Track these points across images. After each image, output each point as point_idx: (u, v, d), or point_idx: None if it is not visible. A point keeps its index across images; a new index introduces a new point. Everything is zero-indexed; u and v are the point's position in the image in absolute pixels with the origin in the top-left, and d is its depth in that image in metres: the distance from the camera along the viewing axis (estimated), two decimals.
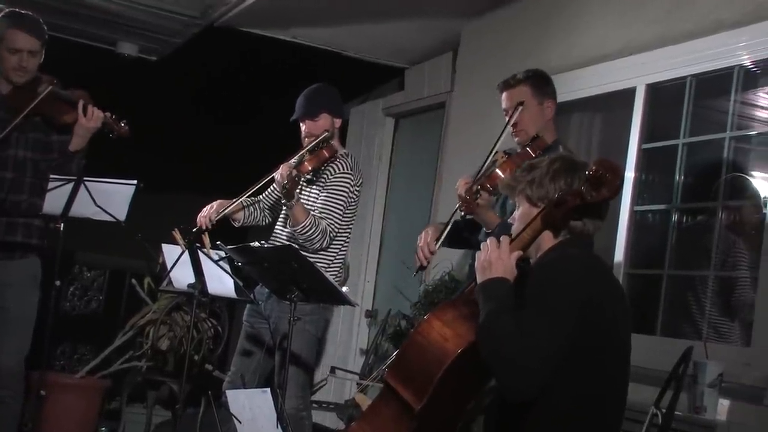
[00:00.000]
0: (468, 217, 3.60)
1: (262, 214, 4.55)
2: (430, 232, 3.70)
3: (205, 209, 4.31)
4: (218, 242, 3.86)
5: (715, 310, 4.02)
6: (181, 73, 7.02)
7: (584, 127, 4.97)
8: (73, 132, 4.08)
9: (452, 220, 3.66)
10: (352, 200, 4.27)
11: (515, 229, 2.74)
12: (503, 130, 3.68)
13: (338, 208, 4.21)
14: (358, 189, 4.30)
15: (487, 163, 3.60)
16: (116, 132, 4.10)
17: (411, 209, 6.60)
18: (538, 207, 2.68)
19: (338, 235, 4.24)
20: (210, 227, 4.23)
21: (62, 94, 4.09)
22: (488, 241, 2.68)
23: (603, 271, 2.68)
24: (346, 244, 4.33)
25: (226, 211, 4.30)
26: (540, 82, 3.74)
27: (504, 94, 3.74)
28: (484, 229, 3.58)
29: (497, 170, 3.53)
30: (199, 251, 3.93)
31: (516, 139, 3.73)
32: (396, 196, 6.89)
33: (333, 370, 5.70)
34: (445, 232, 3.65)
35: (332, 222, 4.19)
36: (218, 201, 4.32)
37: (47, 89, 4.03)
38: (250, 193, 4.25)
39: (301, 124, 4.33)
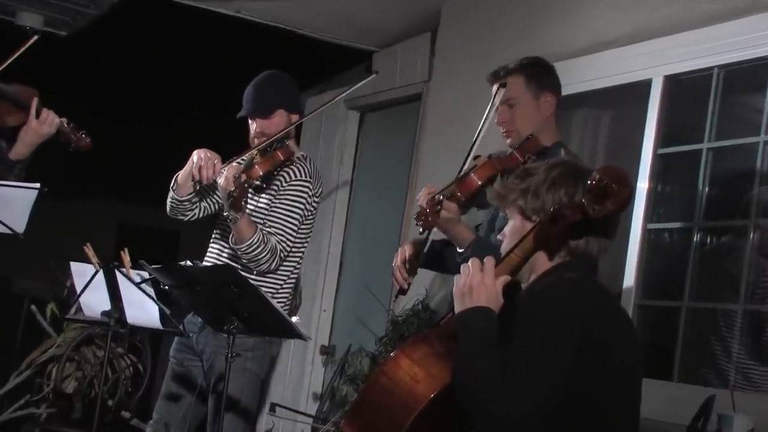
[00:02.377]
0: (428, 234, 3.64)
1: (197, 208, 4.42)
2: (407, 249, 3.76)
3: (201, 157, 4.11)
4: (141, 260, 3.87)
5: (744, 351, 4.06)
6: (96, 52, 7.00)
7: (588, 126, 5.03)
8: (17, 137, 4.06)
9: (430, 236, 3.70)
10: (309, 213, 4.30)
11: (504, 248, 2.77)
12: (480, 129, 3.72)
13: (292, 223, 4.24)
14: (317, 199, 4.33)
15: (464, 169, 3.65)
16: (74, 144, 4.08)
17: (378, 222, 6.63)
18: (533, 221, 2.72)
19: (290, 254, 4.27)
20: (210, 182, 4.14)
21: (5, 90, 4.07)
22: (470, 262, 2.71)
23: (607, 301, 2.71)
24: (299, 265, 4.36)
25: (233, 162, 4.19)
26: (537, 73, 3.80)
27: (494, 88, 3.80)
28: (457, 248, 3.62)
29: (472, 175, 3.58)
30: (116, 271, 3.93)
31: (507, 140, 3.79)
32: (360, 207, 6.92)
33: (273, 407, 5.67)
34: (426, 247, 3.69)
35: (284, 239, 4.21)
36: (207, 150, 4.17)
37: None
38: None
39: (249, 121, 4.34)
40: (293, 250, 4.28)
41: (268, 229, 4.19)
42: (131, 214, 9.54)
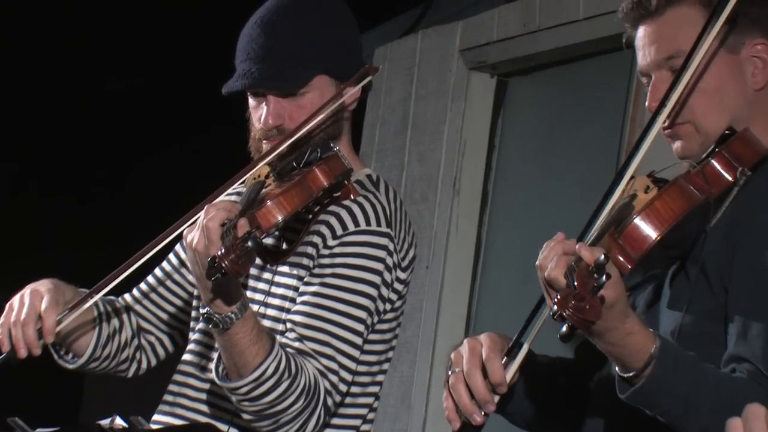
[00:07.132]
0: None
1: (136, 346, 4.67)
2: (488, 342, 3.89)
3: (18, 311, 4.35)
4: (11, 418, 3.95)
5: None
6: None
7: None
8: None
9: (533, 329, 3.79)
10: (389, 305, 4.44)
11: None
12: (651, 125, 3.78)
13: (353, 329, 4.36)
14: (402, 275, 4.48)
15: (615, 202, 3.74)
16: None
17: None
18: None
19: (351, 394, 4.39)
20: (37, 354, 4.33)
21: None
22: (748, 413, 2.76)
23: None
24: (369, 420, 4.49)
25: (71, 318, 4.38)
26: None
27: (640, 33, 4.00)
28: (618, 370, 3.68)
29: (636, 221, 3.67)
30: None
31: (675, 144, 3.92)
32: (500, 283, 7.11)
33: None
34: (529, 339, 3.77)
35: (335, 365, 4.33)
36: (36, 289, 4.39)
37: None
38: (115, 282, 4.35)
39: (251, 103, 4.52)
40: (357, 385, 4.41)
41: (296, 344, 4.29)
42: None
